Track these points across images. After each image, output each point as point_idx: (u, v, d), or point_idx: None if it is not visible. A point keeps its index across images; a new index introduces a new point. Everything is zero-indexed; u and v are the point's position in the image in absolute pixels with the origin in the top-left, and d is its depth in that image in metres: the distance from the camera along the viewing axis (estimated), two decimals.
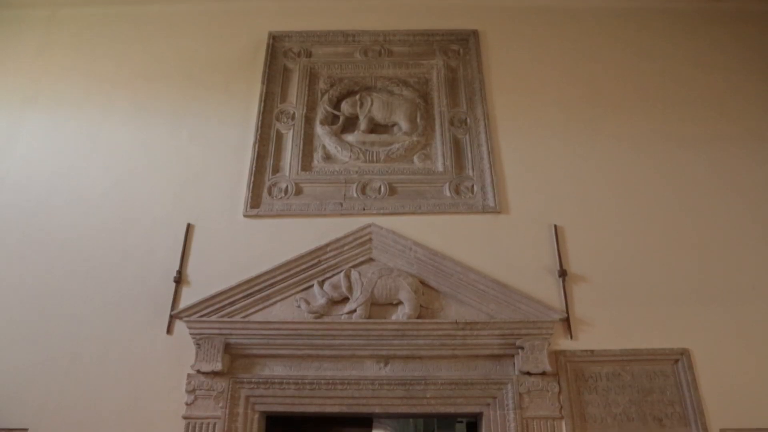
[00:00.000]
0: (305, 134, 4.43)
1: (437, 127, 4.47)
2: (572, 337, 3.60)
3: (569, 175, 4.19)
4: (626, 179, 4.17)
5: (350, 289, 3.68)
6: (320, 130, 4.45)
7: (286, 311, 3.67)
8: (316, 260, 3.79)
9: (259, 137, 4.35)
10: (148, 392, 3.48)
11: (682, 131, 4.38)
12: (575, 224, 3.98)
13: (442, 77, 4.71)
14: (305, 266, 3.77)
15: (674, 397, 3.44)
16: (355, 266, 3.79)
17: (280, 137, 4.42)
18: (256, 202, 4.10)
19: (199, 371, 3.45)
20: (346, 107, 4.54)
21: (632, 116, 4.45)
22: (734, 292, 3.76)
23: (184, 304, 3.68)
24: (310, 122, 4.50)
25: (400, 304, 3.65)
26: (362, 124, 4.47)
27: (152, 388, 3.50)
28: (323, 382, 3.49)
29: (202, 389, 3.44)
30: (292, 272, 3.75)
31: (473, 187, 4.18)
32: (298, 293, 3.72)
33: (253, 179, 4.17)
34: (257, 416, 3.46)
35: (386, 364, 3.56)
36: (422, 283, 3.72)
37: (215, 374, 3.46)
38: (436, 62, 4.79)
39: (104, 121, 4.52)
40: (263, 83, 4.62)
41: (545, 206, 4.06)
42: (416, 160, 4.34)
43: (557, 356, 3.53)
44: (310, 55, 4.85)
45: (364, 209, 4.06)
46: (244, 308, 3.65)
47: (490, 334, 3.54)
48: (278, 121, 4.49)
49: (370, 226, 3.91)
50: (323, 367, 3.55)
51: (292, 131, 4.44)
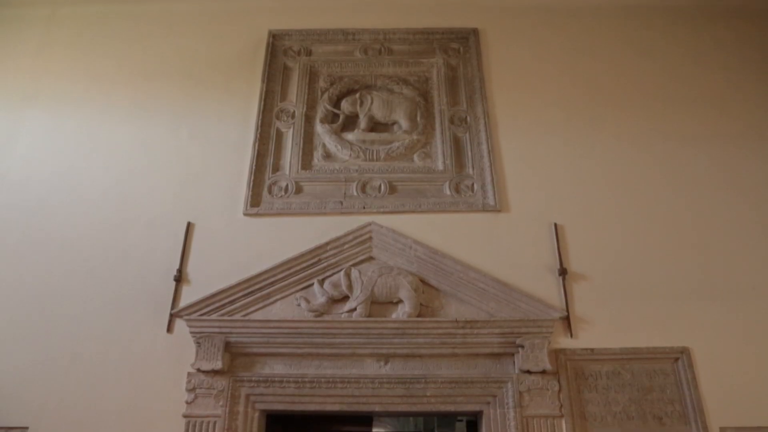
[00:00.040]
0: (305, 133, 4.43)
1: (437, 125, 4.46)
2: (572, 335, 3.60)
3: (569, 173, 4.19)
4: (626, 177, 4.17)
5: (350, 287, 3.68)
6: (320, 128, 4.45)
7: (286, 310, 3.67)
8: (316, 259, 3.79)
9: (259, 136, 4.35)
10: (148, 391, 3.49)
11: (682, 129, 4.37)
12: (575, 223, 3.98)
13: (442, 75, 4.70)
14: (305, 265, 3.77)
15: (674, 395, 3.44)
16: (355, 265, 3.79)
17: (280, 136, 4.42)
18: (256, 200, 4.10)
19: (199, 370, 3.45)
20: (346, 106, 4.53)
21: (632, 114, 4.45)
22: (734, 290, 3.76)
23: (184, 302, 3.69)
24: (310, 121, 4.50)
25: (400, 302, 3.65)
26: (362, 122, 4.47)
27: (152, 386, 3.50)
28: (323, 380, 3.50)
29: (202, 388, 3.45)
30: (292, 271, 3.75)
31: (473, 185, 4.17)
32: (298, 292, 3.72)
33: (253, 178, 4.17)
34: (257, 415, 3.46)
35: (386, 362, 3.56)
36: (422, 281, 3.72)
37: (215, 373, 3.46)
38: (436, 60, 4.79)
39: (104, 119, 4.51)
40: (263, 82, 4.61)
41: (545, 204, 4.06)
42: (416, 158, 4.33)
43: (557, 355, 3.53)
44: (310, 53, 4.84)
45: (364, 208, 4.06)
46: (244, 307, 3.65)
47: (490, 332, 3.54)
48: (278, 119, 4.48)
49: (370, 224, 3.91)
50: (323, 365, 3.56)
51: (292, 130, 4.44)
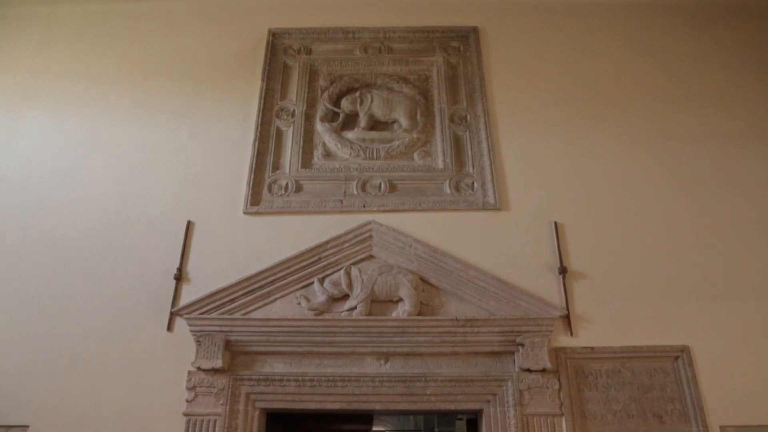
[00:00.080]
0: (305, 131, 4.42)
1: (437, 124, 4.46)
2: (572, 334, 3.60)
3: (569, 172, 4.19)
4: (626, 176, 4.17)
5: (350, 286, 3.67)
6: (320, 127, 4.45)
7: (286, 308, 3.67)
8: (316, 257, 3.79)
9: (259, 134, 4.35)
10: (148, 389, 3.49)
11: (682, 128, 4.37)
12: (575, 221, 3.98)
13: (442, 74, 4.70)
14: (305, 263, 3.77)
15: (674, 394, 3.44)
16: (355, 263, 3.79)
17: (280, 134, 4.42)
18: (256, 199, 4.10)
19: (199, 368, 3.45)
20: (346, 104, 4.53)
21: (632, 113, 4.44)
22: (734, 289, 3.76)
23: (184, 301, 3.68)
24: (310, 119, 4.49)
25: (400, 301, 3.65)
26: (362, 121, 4.46)
27: (153, 385, 3.50)
28: (323, 379, 3.50)
29: (202, 386, 3.45)
30: (292, 269, 3.75)
31: (473, 184, 4.17)
32: (298, 290, 3.72)
33: (253, 176, 4.16)
34: (258, 413, 3.46)
35: (386, 361, 3.57)
36: (422, 280, 3.72)
37: (216, 371, 3.47)
38: (436, 59, 4.78)
39: (104, 118, 4.51)
40: (263, 80, 4.61)
41: (545, 203, 4.06)
42: (416, 157, 4.33)
43: (557, 353, 3.53)
44: (310, 52, 4.84)
45: (364, 206, 4.06)
46: (244, 305, 3.65)
47: (490, 331, 3.54)
48: (278, 118, 4.48)
49: (370, 223, 3.91)
50: (323, 364, 3.56)
51: (292, 128, 4.44)
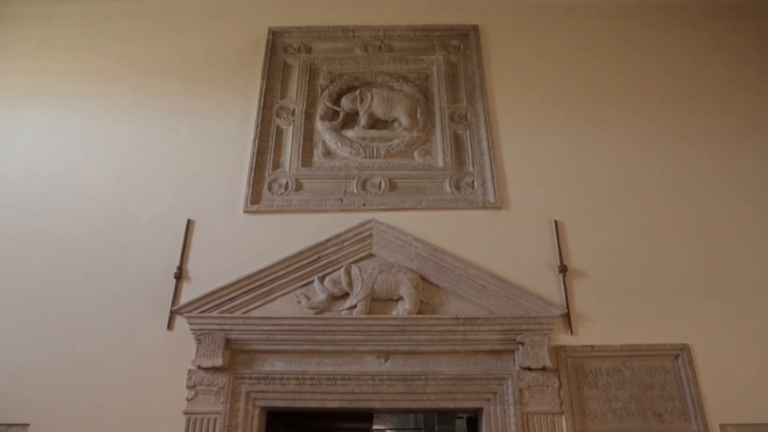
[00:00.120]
0: (305, 130, 4.42)
1: (437, 122, 4.45)
2: (572, 332, 3.60)
3: (570, 170, 4.19)
4: (627, 174, 4.17)
5: (350, 284, 3.67)
6: (320, 125, 4.45)
7: (286, 307, 3.67)
8: (316, 256, 3.79)
9: (259, 133, 4.34)
10: (148, 388, 3.49)
11: (682, 127, 4.37)
12: (576, 220, 3.98)
13: (442, 73, 4.69)
14: (305, 262, 3.77)
15: (674, 392, 3.44)
16: (355, 262, 3.79)
17: (280, 133, 4.41)
18: (256, 198, 4.10)
19: (199, 367, 3.46)
20: (346, 103, 4.53)
21: (633, 111, 4.44)
22: (735, 287, 3.76)
23: (184, 300, 3.68)
24: (310, 118, 4.49)
25: (400, 299, 3.65)
26: (362, 119, 4.46)
27: (153, 383, 3.50)
28: (324, 377, 3.50)
29: (202, 385, 3.45)
30: (292, 268, 3.75)
31: (473, 182, 4.17)
32: (298, 289, 3.72)
33: (253, 175, 4.16)
34: (258, 411, 3.46)
35: (387, 359, 3.57)
36: (423, 278, 3.72)
37: (216, 370, 3.47)
38: (436, 57, 4.78)
39: (104, 117, 4.51)
40: (263, 79, 4.61)
41: (546, 202, 4.05)
42: (416, 155, 4.33)
43: (557, 351, 3.53)
44: (310, 50, 4.83)
45: (364, 205, 4.06)
46: (244, 304, 3.65)
47: (490, 329, 3.54)
48: (278, 116, 4.48)
49: (370, 221, 3.91)
50: (324, 362, 3.56)
51: (292, 127, 4.43)
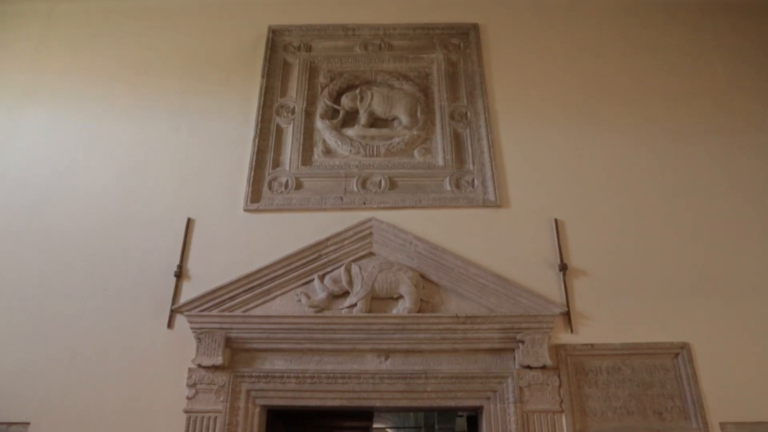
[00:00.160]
0: (305, 128, 4.42)
1: (437, 121, 4.45)
2: (572, 330, 3.60)
3: (570, 168, 4.18)
4: (627, 173, 4.16)
5: (351, 283, 3.67)
6: (320, 124, 4.44)
7: (286, 305, 3.67)
8: (316, 254, 3.79)
9: (259, 132, 4.34)
10: (149, 386, 3.49)
11: (682, 125, 4.36)
12: (576, 218, 3.97)
13: (442, 71, 4.69)
14: (306, 260, 3.77)
15: (674, 390, 3.44)
16: (355, 260, 3.79)
17: (280, 131, 4.41)
18: (256, 196, 4.10)
19: (200, 365, 3.46)
20: (346, 101, 4.52)
21: (633, 110, 4.44)
22: (735, 286, 3.76)
23: (184, 298, 3.68)
24: (310, 116, 4.49)
25: (400, 298, 3.65)
26: (362, 118, 4.46)
27: (153, 382, 3.50)
28: (324, 376, 3.50)
29: (203, 383, 3.45)
30: (292, 266, 3.75)
31: (474, 181, 4.17)
32: (298, 287, 3.72)
33: (253, 174, 4.16)
34: (258, 410, 3.46)
35: (387, 357, 3.57)
36: (423, 277, 3.72)
37: (216, 368, 3.47)
38: (436, 56, 4.77)
39: (104, 115, 4.50)
40: (263, 77, 4.60)
41: (546, 200, 4.05)
42: (417, 154, 4.32)
43: (557, 350, 3.53)
44: (309, 49, 4.83)
45: (364, 203, 4.06)
46: (244, 302, 3.65)
47: (490, 327, 3.54)
48: (278, 115, 4.47)
49: (370, 220, 3.90)
50: (324, 361, 3.56)
51: (292, 125, 4.43)
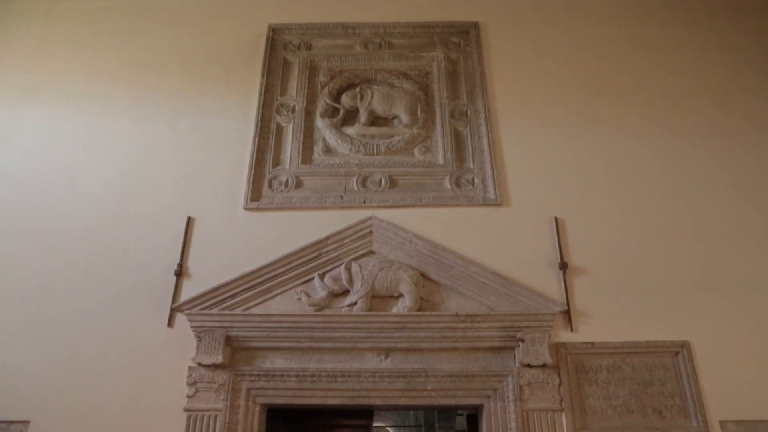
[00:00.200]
0: (305, 127, 4.42)
1: (438, 119, 4.45)
2: (573, 329, 3.60)
3: (570, 167, 4.18)
4: (627, 171, 4.16)
5: (351, 281, 3.68)
6: (320, 122, 4.44)
7: (286, 304, 3.67)
8: (316, 253, 3.79)
9: (259, 130, 4.34)
10: (149, 385, 3.49)
11: (683, 124, 4.36)
12: (576, 217, 3.97)
13: (442, 69, 4.68)
14: (306, 259, 3.77)
15: (674, 389, 3.45)
16: (355, 259, 3.79)
17: (280, 130, 4.41)
18: (256, 195, 4.09)
19: (200, 364, 3.46)
20: (346, 100, 4.52)
21: (633, 108, 4.43)
22: (735, 284, 3.76)
23: (184, 297, 3.69)
24: (310, 115, 4.49)
25: (400, 296, 3.65)
26: (362, 116, 4.46)
27: (153, 380, 3.51)
28: (324, 374, 3.50)
29: (203, 382, 3.45)
30: (292, 265, 3.75)
31: (474, 179, 4.17)
32: (298, 286, 3.73)
33: (253, 172, 4.16)
34: (258, 408, 3.47)
35: (387, 356, 3.57)
36: (423, 275, 3.72)
37: (216, 367, 3.47)
38: (436, 54, 4.77)
39: (104, 114, 4.50)
40: (263, 76, 4.60)
41: (546, 198, 4.05)
42: (417, 152, 4.32)
43: (558, 348, 3.53)
44: (310, 47, 4.82)
45: (364, 202, 4.06)
46: (244, 301, 3.65)
47: (490, 326, 3.54)
48: (278, 113, 4.47)
49: (370, 218, 3.90)
50: (324, 359, 3.56)
51: (292, 124, 4.43)
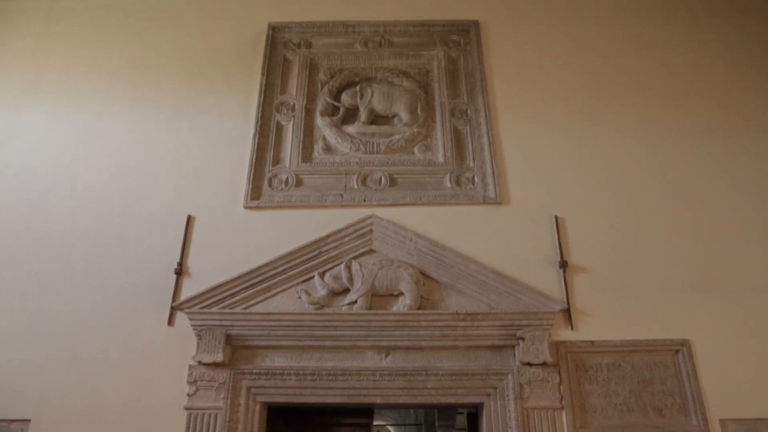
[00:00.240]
0: (305, 126, 4.42)
1: (438, 118, 4.45)
2: (573, 327, 3.61)
3: (570, 165, 4.18)
4: (627, 170, 4.16)
5: (351, 280, 3.68)
6: (320, 121, 4.44)
7: (287, 302, 3.68)
8: (316, 251, 3.79)
9: (259, 129, 4.34)
10: (149, 383, 3.50)
11: (683, 123, 4.36)
12: (576, 215, 3.97)
13: (442, 68, 4.68)
14: (306, 257, 3.77)
15: (674, 387, 3.45)
16: (355, 257, 3.79)
17: (280, 129, 4.41)
18: (256, 193, 4.09)
19: (200, 362, 3.46)
20: (346, 98, 4.52)
21: (633, 107, 4.43)
22: (734, 283, 3.76)
23: (185, 295, 3.69)
24: (310, 113, 4.48)
25: (400, 295, 3.66)
26: (362, 115, 4.45)
27: (154, 379, 3.51)
28: (324, 372, 3.51)
29: (203, 380, 3.46)
30: (292, 263, 3.75)
31: (474, 178, 4.17)
32: (298, 284, 3.73)
33: (253, 171, 4.16)
34: (259, 407, 3.47)
35: (387, 354, 3.57)
36: (423, 274, 3.72)
37: (216, 365, 3.47)
38: (436, 53, 4.76)
39: (104, 113, 4.50)
40: (263, 74, 4.60)
41: (546, 197, 4.05)
42: (417, 151, 4.32)
43: (558, 347, 3.53)
44: (310, 46, 4.82)
45: (364, 200, 4.06)
46: (245, 299, 3.65)
47: (490, 324, 3.54)
48: (278, 112, 4.47)
49: (370, 217, 3.90)
50: (324, 358, 3.57)
51: (292, 123, 4.43)
